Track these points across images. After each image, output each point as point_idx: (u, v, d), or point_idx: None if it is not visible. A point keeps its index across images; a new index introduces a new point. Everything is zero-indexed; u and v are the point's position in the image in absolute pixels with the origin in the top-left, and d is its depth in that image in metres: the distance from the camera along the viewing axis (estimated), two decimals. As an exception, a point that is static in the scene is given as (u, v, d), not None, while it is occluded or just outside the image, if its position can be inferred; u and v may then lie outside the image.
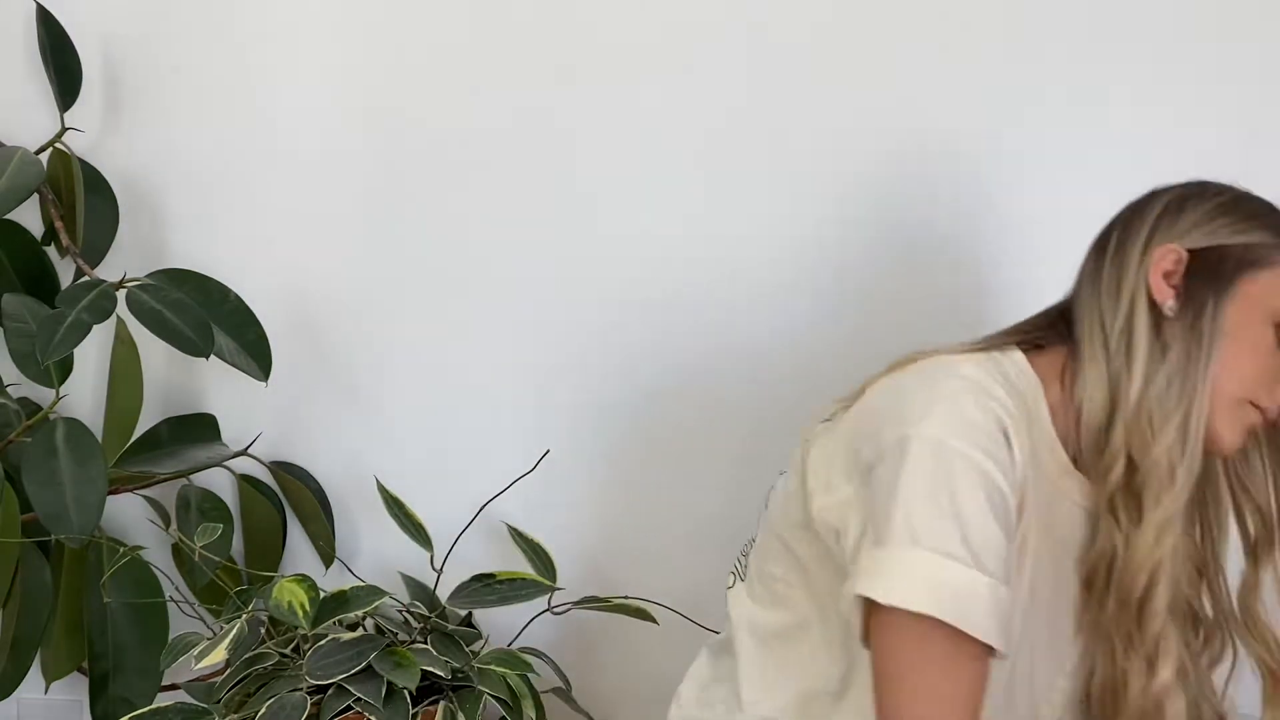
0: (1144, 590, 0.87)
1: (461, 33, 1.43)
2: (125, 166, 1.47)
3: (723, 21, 1.39)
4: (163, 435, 1.47)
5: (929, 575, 0.79)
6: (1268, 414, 0.90)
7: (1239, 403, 0.90)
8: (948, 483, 0.81)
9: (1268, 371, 0.90)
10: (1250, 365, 0.89)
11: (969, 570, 0.79)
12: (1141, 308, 0.90)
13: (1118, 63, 1.37)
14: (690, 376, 1.42)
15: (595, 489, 1.45)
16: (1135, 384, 0.88)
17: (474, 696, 1.18)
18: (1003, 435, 0.84)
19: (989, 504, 0.81)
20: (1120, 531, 0.88)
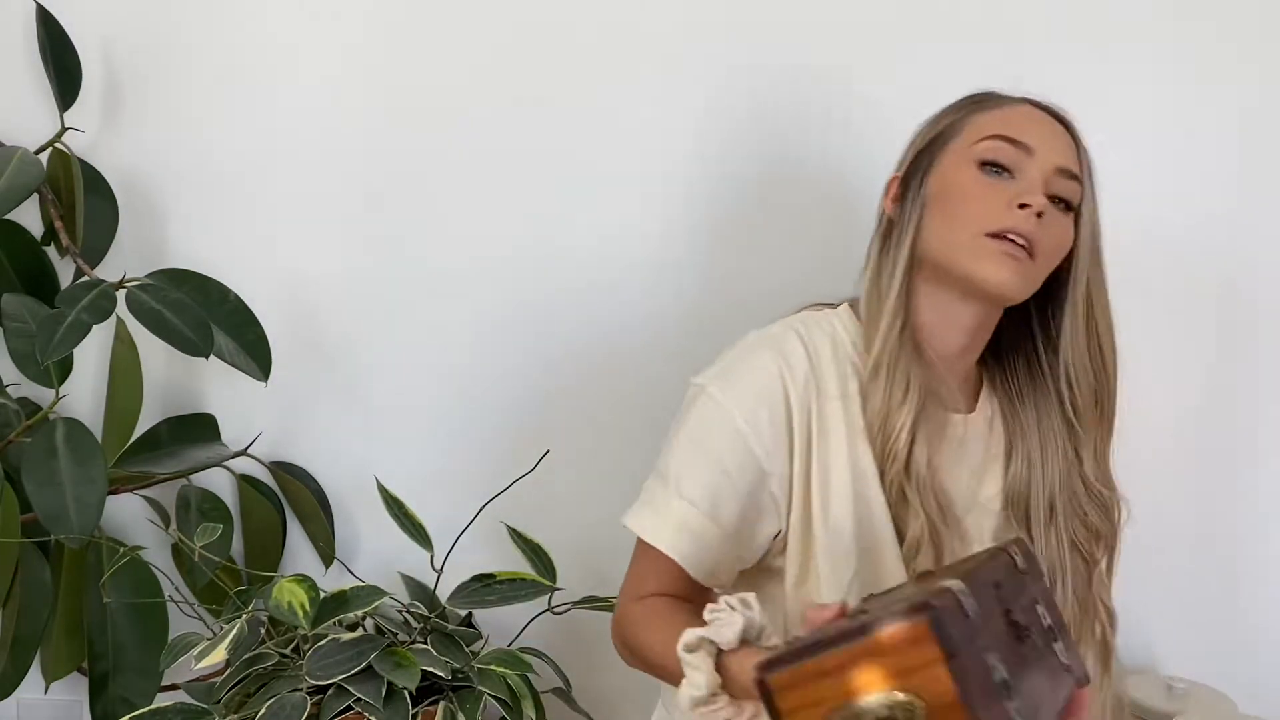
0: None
1: (462, 33, 1.43)
2: (125, 166, 1.47)
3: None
4: (162, 435, 1.47)
5: (676, 520, 0.97)
6: (1015, 237, 0.94)
7: (976, 239, 0.95)
8: (704, 434, 0.97)
9: (988, 200, 0.96)
10: (967, 206, 0.96)
11: (702, 518, 0.97)
12: (880, 230, 1.04)
13: (1118, 63, 1.37)
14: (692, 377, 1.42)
15: (595, 489, 1.45)
16: (865, 283, 1.02)
17: (474, 696, 1.18)
18: (779, 386, 0.96)
19: (730, 455, 0.96)
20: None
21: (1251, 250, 1.40)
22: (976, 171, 0.97)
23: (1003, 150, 0.97)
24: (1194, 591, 1.44)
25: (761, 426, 0.96)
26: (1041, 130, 0.99)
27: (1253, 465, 1.42)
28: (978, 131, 0.99)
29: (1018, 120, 0.99)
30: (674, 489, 0.98)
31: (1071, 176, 0.98)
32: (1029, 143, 0.97)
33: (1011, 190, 0.96)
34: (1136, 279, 1.40)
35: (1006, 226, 0.94)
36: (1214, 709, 1.30)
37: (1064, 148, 0.99)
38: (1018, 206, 0.94)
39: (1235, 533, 1.42)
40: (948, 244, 0.97)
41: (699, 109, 1.42)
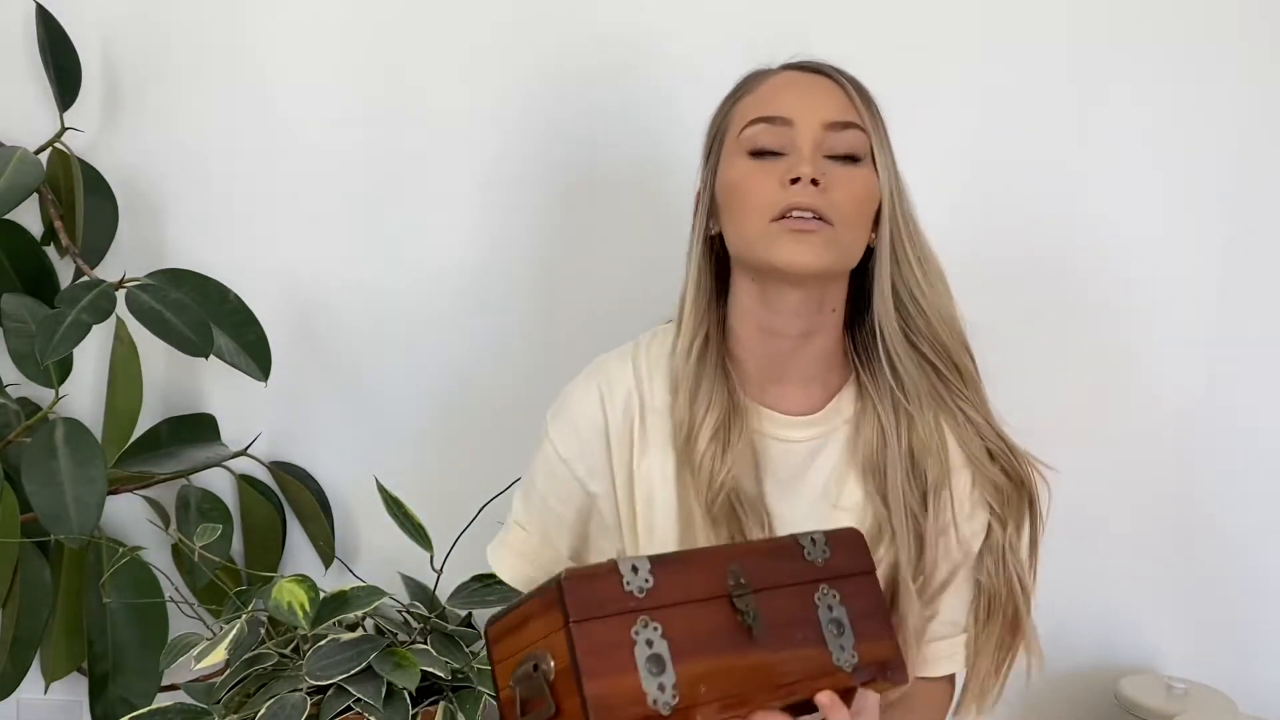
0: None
1: (461, 34, 1.43)
2: (125, 166, 1.47)
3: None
4: (162, 435, 1.46)
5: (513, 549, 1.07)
6: (799, 212, 0.91)
7: (764, 228, 0.92)
8: (536, 470, 1.05)
9: (763, 186, 0.93)
10: (747, 199, 0.93)
11: (536, 544, 1.05)
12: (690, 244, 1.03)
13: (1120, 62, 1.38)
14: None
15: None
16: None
17: (474, 697, 1.18)
18: (598, 410, 1.00)
19: (554, 487, 1.02)
20: None
21: (1251, 250, 1.40)
22: (748, 161, 0.94)
23: (764, 133, 0.94)
24: (1194, 591, 1.44)
25: (581, 451, 1.01)
26: (801, 94, 0.95)
27: (1253, 465, 1.42)
28: (740, 120, 0.96)
29: (774, 94, 0.96)
30: (513, 519, 1.08)
31: (846, 126, 0.94)
32: (786, 114, 0.94)
33: (784, 167, 0.92)
34: (1137, 279, 1.41)
35: (785, 206, 0.91)
36: (1214, 709, 1.30)
37: (830, 102, 0.95)
38: (790, 182, 0.91)
39: (1235, 533, 1.42)
40: (743, 240, 0.95)
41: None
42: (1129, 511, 1.43)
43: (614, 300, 1.46)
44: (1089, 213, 1.40)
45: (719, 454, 0.95)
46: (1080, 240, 1.41)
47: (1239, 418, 1.41)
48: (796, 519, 0.98)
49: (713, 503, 0.96)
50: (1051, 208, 1.40)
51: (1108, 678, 1.42)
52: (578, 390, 1.03)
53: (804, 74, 0.98)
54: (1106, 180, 1.40)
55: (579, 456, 1.01)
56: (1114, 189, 1.40)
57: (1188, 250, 1.40)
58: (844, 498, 0.99)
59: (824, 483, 1.00)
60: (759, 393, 1.00)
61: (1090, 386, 1.42)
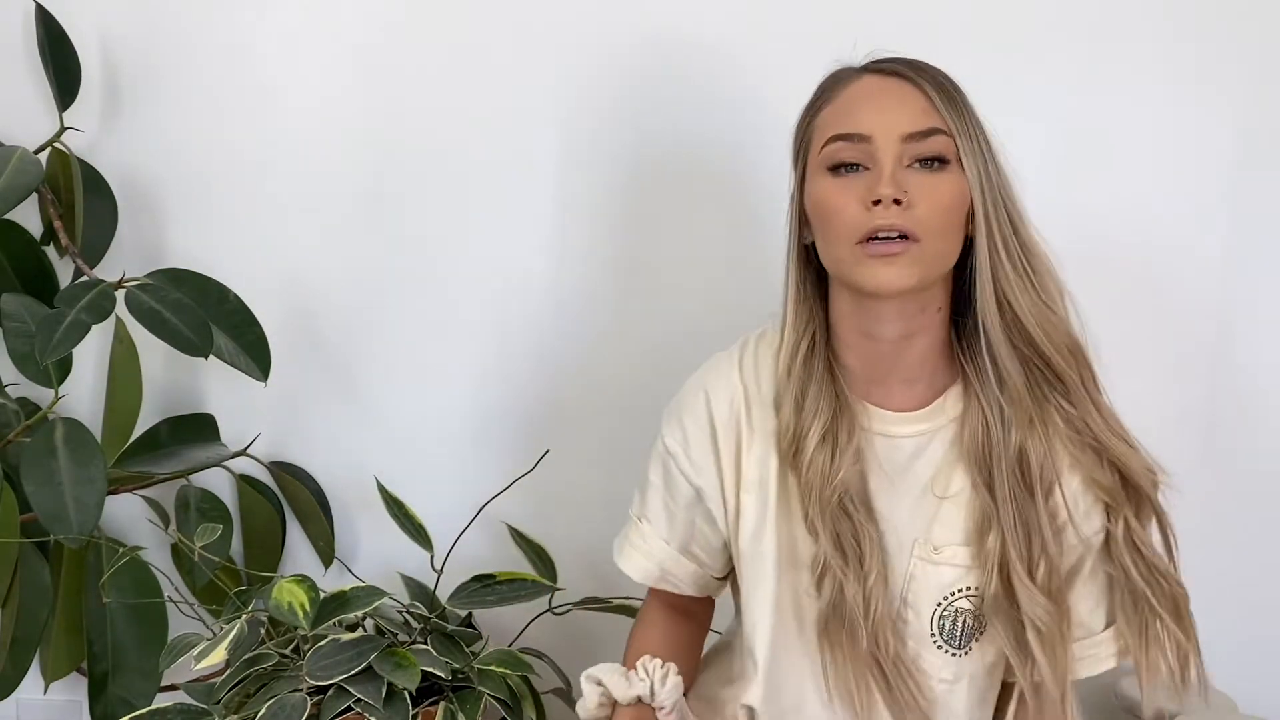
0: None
1: (462, 34, 1.43)
2: (124, 166, 1.47)
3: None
4: (162, 435, 1.46)
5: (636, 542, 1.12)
6: (883, 237, 0.91)
7: (851, 251, 0.92)
8: (651, 466, 1.09)
9: (846, 207, 0.92)
10: (833, 220, 0.93)
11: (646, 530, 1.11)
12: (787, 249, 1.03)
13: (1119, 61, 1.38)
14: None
15: (595, 489, 1.45)
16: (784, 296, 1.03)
17: (474, 697, 1.18)
18: (704, 408, 1.04)
19: (667, 478, 1.08)
20: None
21: (1251, 252, 1.40)
22: (830, 180, 0.94)
23: (843, 150, 0.93)
24: (1194, 591, 1.44)
25: (686, 446, 1.05)
26: (878, 105, 0.94)
27: (1252, 464, 1.42)
28: (821, 135, 0.96)
29: (851, 107, 0.95)
30: (632, 514, 1.13)
31: (928, 134, 0.92)
32: (864, 130, 0.92)
33: (864, 186, 0.91)
34: (1137, 280, 1.41)
35: (869, 229, 0.90)
36: (1214, 709, 1.30)
37: (907, 111, 0.93)
38: (872, 204, 0.90)
39: (1234, 532, 1.42)
40: (834, 260, 0.95)
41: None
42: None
43: (617, 300, 1.46)
44: (1088, 212, 1.40)
45: (829, 457, 0.97)
46: (1079, 236, 1.41)
47: (1241, 415, 1.41)
48: (902, 516, 1.00)
49: (825, 505, 0.97)
50: (1050, 204, 1.40)
51: (1108, 678, 1.42)
52: (687, 389, 1.08)
53: (881, 79, 0.96)
54: (1105, 178, 1.40)
55: (684, 451, 1.05)
56: (1114, 185, 1.40)
57: (1190, 246, 1.40)
58: (950, 488, 0.99)
59: (930, 477, 1.00)
60: (865, 391, 1.00)
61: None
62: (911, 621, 1.00)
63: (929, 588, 1.00)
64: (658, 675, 1.03)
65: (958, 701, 1.02)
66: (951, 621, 1.00)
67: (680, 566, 1.09)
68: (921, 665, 1.00)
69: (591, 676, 1.04)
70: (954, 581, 0.99)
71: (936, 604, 1.00)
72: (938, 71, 0.96)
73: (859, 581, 0.96)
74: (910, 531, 1.00)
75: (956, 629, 1.00)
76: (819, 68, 1.02)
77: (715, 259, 1.43)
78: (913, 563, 1.00)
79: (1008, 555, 0.96)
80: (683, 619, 1.14)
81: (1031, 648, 0.96)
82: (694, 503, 1.06)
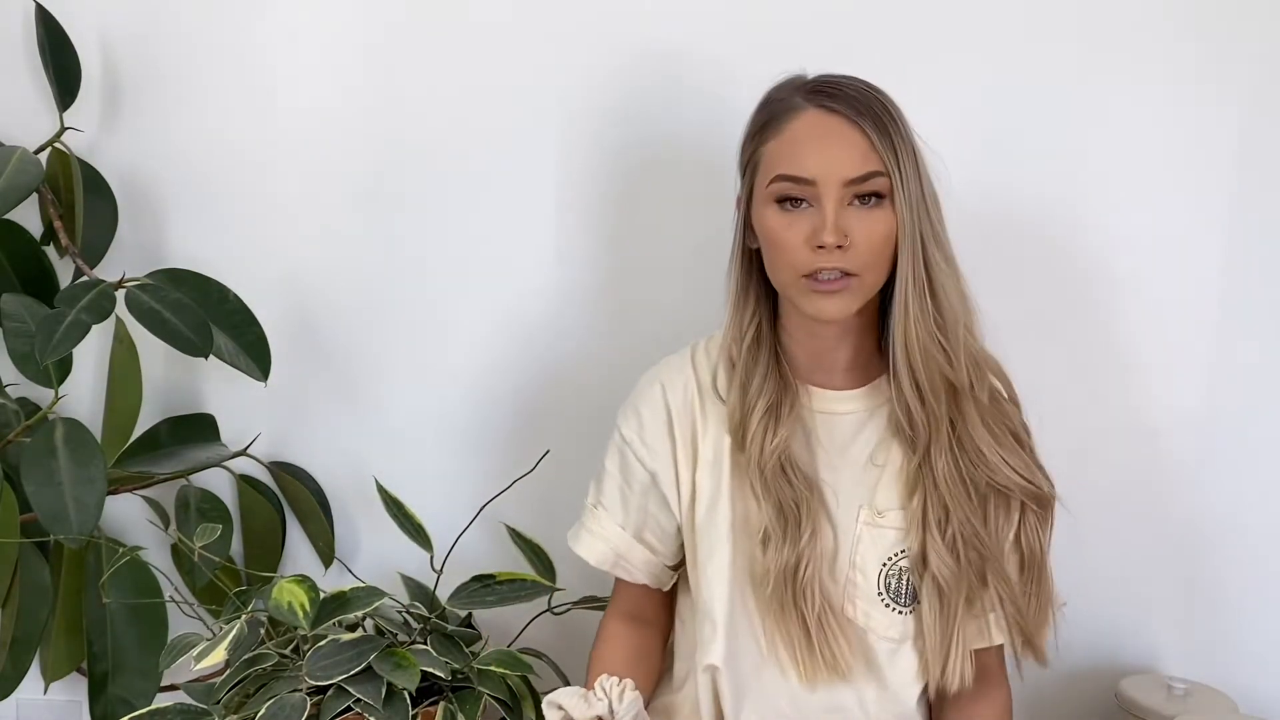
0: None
1: (461, 35, 1.43)
2: (124, 166, 1.47)
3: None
4: (162, 435, 1.46)
5: (594, 529, 1.19)
6: (825, 277, 1.00)
7: (796, 281, 1.02)
8: (608, 458, 1.18)
9: (792, 244, 1.01)
10: (779, 252, 1.03)
11: (600, 515, 1.18)
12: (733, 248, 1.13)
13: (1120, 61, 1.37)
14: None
15: (595, 489, 1.45)
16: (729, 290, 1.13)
17: (474, 697, 1.18)
18: (660, 398, 1.13)
19: (624, 466, 1.16)
20: None
21: (1250, 253, 1.40)
22: (777, 212, 1.03)
23: (791, 188, 1.01)
24: (1194, 591, 1.44)
25: (641, 433, 1.14)
26: (821, 148, 1.00)
27: (1252, 465, 1.42)
28: (768, 170, 1.04)
29: (795, 147, 1.01)
30: (588, 503, 1.20)
31: (867, 177, 1.00)
32: (809, 175, 1.00)
33: (809, 226, 1.00)
34: (1138, 279, 1.41)
35: (812, 269, 1.00)
36: (1214, 709, 1.30)
37: (850, 156, 1.00)
38: (816, 248, 1.00)
39: (1235, 532, 1.42)
40: (780, 283, 1.05)
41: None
42: (1130, 511, 1.43)
43: (617, 300, 1.46)
44: (1088, 211, 1.40)
45: (771, 427, 1.07)
46: (1080, 238, 1.41)
47: (1241, 417, 1.41)
48: (847, 485, 1.10)
49: (764, 468, 1.07)
50: (1050, 204, 1.40)
51: (1108, 678, 1.42)
52: (643, 384, 1.17)
53: (824, 116, 1.01)
54: (1105, 178, 1.40)
55: (639, 438, 1.14)
56: (1115, 184, 1.40)
57: (1189, 249, 1.40)
58: (889, 458, 1.10)
59: (871, 450, 1.10)
60: (808, 376, 1.11)
61: (1091, 385, 1.41)
62: (860, 584, 1.09)
63: (874, 549, 1.09)
64: (615, 693, 1.09)
65: (901, 666, 1.09)
66: (897, 580, 1.09)
67: (634, 552, 1.17)
68: (871, 625, 1.09)
69: (552, 702, 1.10)
70: (895, 543, 1.09)
71: (882, 564, 1.09)
72: (875, 101, 1.02)
73: (794, 544, 1.05)
74: (855, 499, 1.09)
75: (902, 587, 1.09)
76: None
77: (715, 261, 1.43)
78: (859, 528, 1.09)
79: (927, 518, 1.06)
80: (640, 629, 1.21)
81: (936, 605, 1.06)
82: (649, 488, 1.15)
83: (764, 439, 1.06)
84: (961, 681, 1.06)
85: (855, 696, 1.09)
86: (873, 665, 1.09)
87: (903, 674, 1.10)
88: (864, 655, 1.09)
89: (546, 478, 1.35)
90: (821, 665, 1.06)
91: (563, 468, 1.40)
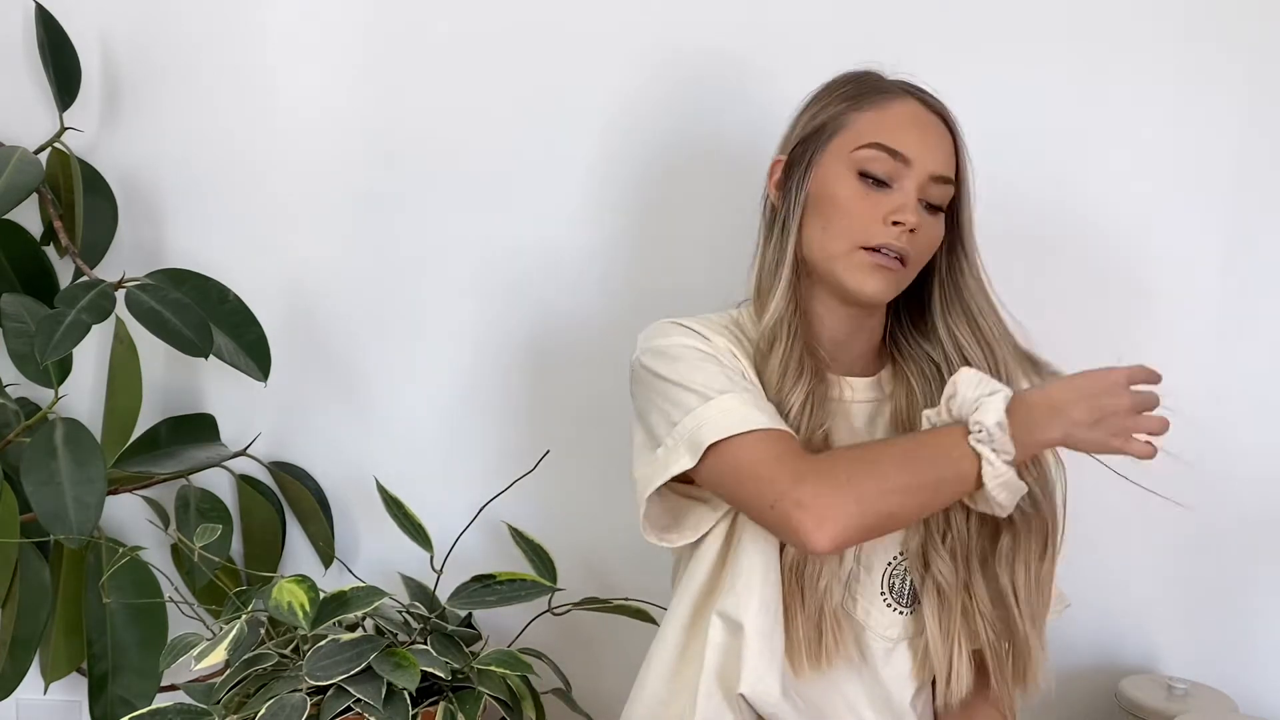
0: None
1: (461, 35, 1.43)
2: (124, 166, 1.47)
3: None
4: (162, 435, 1.46)
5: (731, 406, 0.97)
6: (885, 252, 1.00)
7: (852, 251, 1.01)
8: (675, 361, 1.00)
9: (864, 215, 1.01)
10: (845, 219, 1.01)
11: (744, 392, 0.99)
12: (766, 216, 1.09)
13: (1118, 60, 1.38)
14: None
15: (595, 489, 1.45)
16: (754, 268, 1.08)
17: (474, 697, 1.18)
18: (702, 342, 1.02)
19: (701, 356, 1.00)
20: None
21: (1251, 253, 1.40)
22: (855, 182, 1.02)
23: (881, 161, 1.01)
24: (1194, 591, 1.44)
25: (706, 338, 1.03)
26: (921, 136, 1.02)
27: (1255, 464, 1.42)
28: (858, 136, 1.02)
29: (897, 125, 1.02)
30: (701, 400, 0.98)
31: (946, 181, 1.03)
32: (907, 153, 1.01)
33: (887, 204, 1.00)
34: (1138, 279, 1.41)
35: (881, 242, 1.00)
36: (1214, 709, 1.30)
37: (942, 153, 1.03)
38: (893, 223, 0.99)
39: (1237, 533, 1.42)
40: (826, 253, 1.03)
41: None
42: (1130, 510, 1.43)
43: (618, 301, 1.46)
44: (1088, 210, 1.40)
45: (807, 419, 1.01)
46: (1080, 237, 1.41)
47: (1242, 417, 1.41)
48: None
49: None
50: (1050, 204, 1.40)
51: (1108, 678, 1.42)
52: (675, 333, 1.04)
53: (924, 110, 1.04)
54: (1104, 178, 1.40)
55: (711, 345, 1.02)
56: (1115, 184, 1.40)
57: (1189, 249, 1.40)
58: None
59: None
60: (827, 361, 1.08)
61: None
62: (864, 580, 1.07)
63: (879, 547, 1.06)
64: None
65: (895, 664, 1.08)
66: (900, 580, 1.08)
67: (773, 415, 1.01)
68: (870, 623, 1.07)
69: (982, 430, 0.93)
70: (900, 542, 1.07)
71: (887, 563, 1.07)
72: (955, 119, 1.05)
73: None
74: None
75: (904, 587, 1.08)
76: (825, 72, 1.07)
77: (721, 262, 1.43)
78: None
79: (926, 519, 1.04)
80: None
81: (936, 607, 1.05)
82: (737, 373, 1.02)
83: (802, 428, 1.00)
84: (963, 683, 1.05)
85: (846, 690, 1.07)
86: (868, 662, 1.08)
87: (896, 672, 1.08)
88: (859, 652, 1.08)
89: (546, 478, 1.35)
90: (818, 657, 1.03)
91: (563, 468, 1.40)
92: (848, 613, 1.07)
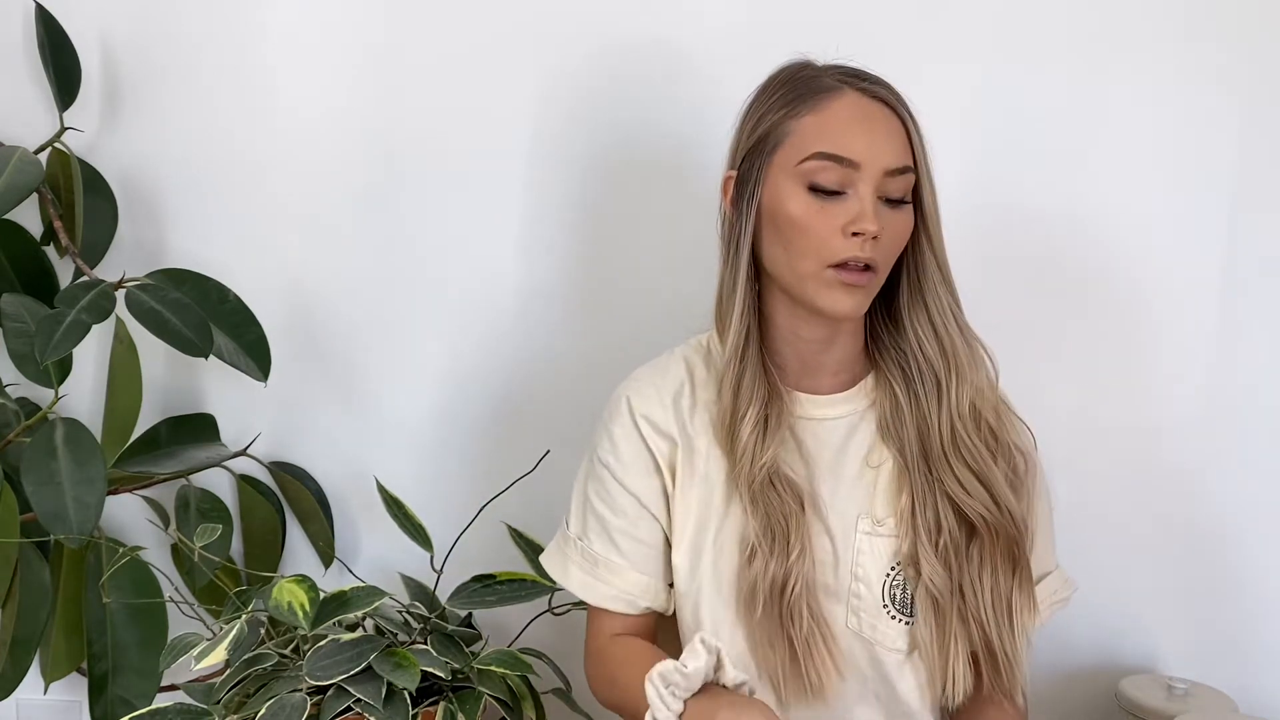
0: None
1: (460, 34, 1.43)
2: (124, 166, 1.46)
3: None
4: (162, 435, 1.46)
5: (571, 558, 1.13)
6: (852, 266, 0.97)
7: (819, 271, 0.97)
8: (583, 481, 1.14)
9: (823, 231, 0.96)
10: (804, 238, 0.97)
11: (592, 550, 1.12)
12: (723, 233, 1.06)
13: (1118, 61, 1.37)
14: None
15: (595, 489, 1.45)
16: (717, 289, 1.06)
17: (474, 697, 1.18)
18: (628, 417, 1.09)
19: (600, 489, 1.10)
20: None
21: (1251, 253, 1.40)
22: (807, 196, 0.97)
23: (830, 171, 0.96)
24: (1194, 591, 1.44)
25: (618, 455, 1.09)
26: (867, 132, 0.97)
27: (1252, 465, 1.42)
28: (801, 146, 0.97)
29: (840, 126, 0.97)
30: (564, 528, 1.15)
31: (903, 171, 0.98)
32: (855, 157, 0.96)
33: (844, 214, 0.96)
34: (1138, 280, 1.41)
35: (844, 257, 0.96)
36: (1214, 709, 1.30)
37: (892, 145, 0.97)
38: (852, 235, 0.96)
39: (1235, 532, 1.42)
40: (793, 273, 1.00)
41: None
42: (1130, 510, 1.43)
43: (620, 300, 1.46)
44: (1089, 209, 1.40)
45: (760, 438, 1.02)
46: (1081, 237, 1.41)
47: (1241, 417, 1.41)
48: (843, 496, 1.06)
49: (754, 483, 1.02)
50: (1050, 204, 1.40)
51: (1108, 678, 1.42)
52: (611, 404, 1.12)
53: (866, 101, 0.98)
54: (1104, 178, 1.40)
55: (616, 459, 1.10)
56: (1115, 183, 1.40)
57: (1189, 249, 1.40)
58: (882, 459, 1.07)
59: (865, 453, 1.07)
60: (795, 382, 1.07)
61: (1091, 383, 1.41)
62: (865, 596, 1.05)
63: (876, 560, 1.05)
64: (712, 644, 0.92)
65: (909, 677, 1.05)
66: (901, 590, 1.05)
67: (619, 575, 1.12)
68: (878, 638, 1.05)
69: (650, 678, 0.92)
70: (897, 551, 1.05)
71: (885, 575, 1.05)
72: (906, 100, 1.00)
73: (782, 559, 1.01)
74: (853, 509, 1.06)
75: (907, 597, 1.05)
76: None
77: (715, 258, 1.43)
78: (858, 538, 1.05)
79: (916, 520, 1.03)
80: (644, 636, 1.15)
81: (931, 612, 1.03)
82: (637, 507, 1.09)
83: (754, 451, 1.02)
84: (962, 685, 1.03)
85: (859, 713, 1.06)
86: (885, 679, 1.06)
87: (911, 685, 1.06)
88: (874, 669, 1.06)
89: (546, 478, 1.35)
90: (806, 688, 1.01)
91: (563, 468, 1.40)
92: (853, 632, 1.05)
